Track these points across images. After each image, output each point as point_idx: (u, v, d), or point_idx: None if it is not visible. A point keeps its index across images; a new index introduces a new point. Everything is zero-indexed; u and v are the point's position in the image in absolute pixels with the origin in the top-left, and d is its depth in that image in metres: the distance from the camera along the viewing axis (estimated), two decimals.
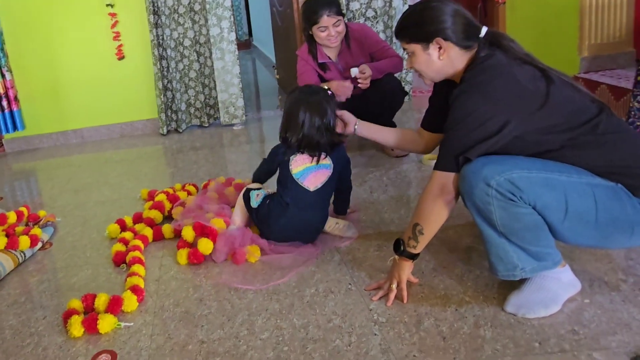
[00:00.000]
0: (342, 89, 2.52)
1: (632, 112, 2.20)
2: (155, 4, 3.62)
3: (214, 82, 3.78)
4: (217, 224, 1.97)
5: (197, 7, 3.70)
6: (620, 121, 1.42)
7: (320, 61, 2.70)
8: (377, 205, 2.17)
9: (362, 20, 3.73)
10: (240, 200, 2.00)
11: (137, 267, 1.83)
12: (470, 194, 1.35)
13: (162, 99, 3.68)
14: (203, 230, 1.94)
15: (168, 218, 2.26)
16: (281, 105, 4.33)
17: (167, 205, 2.30)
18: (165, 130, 3.73)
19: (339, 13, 2.57)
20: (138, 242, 2.01)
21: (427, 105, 1.84)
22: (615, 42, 3.10)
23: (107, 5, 3.68)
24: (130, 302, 1.64)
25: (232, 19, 3.71)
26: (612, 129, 1.37)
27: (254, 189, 1.97)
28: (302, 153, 1.85)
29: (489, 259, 1.43)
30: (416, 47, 1.47)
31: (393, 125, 2.84)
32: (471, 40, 1.44)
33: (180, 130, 3.79)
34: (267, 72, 6.20)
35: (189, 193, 2.47)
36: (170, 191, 2.46)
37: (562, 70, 1.44)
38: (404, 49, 1.52)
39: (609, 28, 3.09)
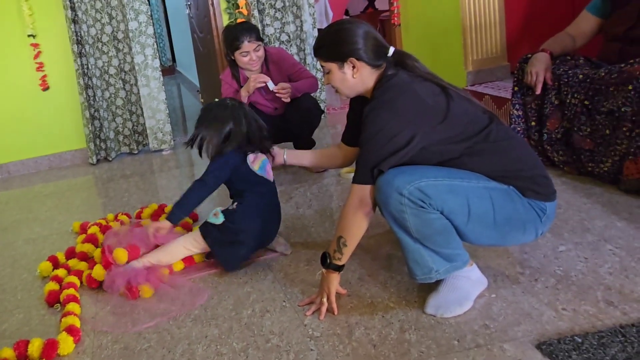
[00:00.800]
0: (258, 78, 2.51)
1: (513, 119, 2.30)
2: (79, 34, 3.37)
3: (141, 109, 3.57)
4: (118, 254, 1.78)
5: (120, 35, 3.48)
6: (507, 129, 1.46)
7: (242, 84, 2.61)
8: (303, 220, 2.11)
9: (277, 44, 3.66)
10: (191, 238, 1.82)
11: (72, 306, 1.65)
12: (386, 203, 1.34)
13: (90, 128, 3.43)
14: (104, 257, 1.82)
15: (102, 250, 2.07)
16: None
17: (100, 237, 2.12)
18: (94, 160, 3.47)
19: (259, 39, 2.52)
20: (73, 279, 1.82)
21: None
22: (493, 57, 3.24)
23: (29, 35, 3.37)
24: (66, 344, 1.47)
25: (156, 46, 3.52)
26: (502, 136, 1.40)
27: (210, 216, 1.79)
28: (253, 152, 1.80)
29: (407, 264, 1.41)
30: (332, 66, 1.45)
31: (313, 142, 2.81)
32: (381, 59, 1.44)
33: (110, 159, 3.54)
34: (191, 96, 5.97)
35: (122, 223, 2.28)
36: (103, 222, 2.27)
37: (453, 83, 1.47)
38: (322, 67, 1.50)
39: (487, 45, 3.22)
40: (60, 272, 1.89)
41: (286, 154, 1.87)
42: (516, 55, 2.66)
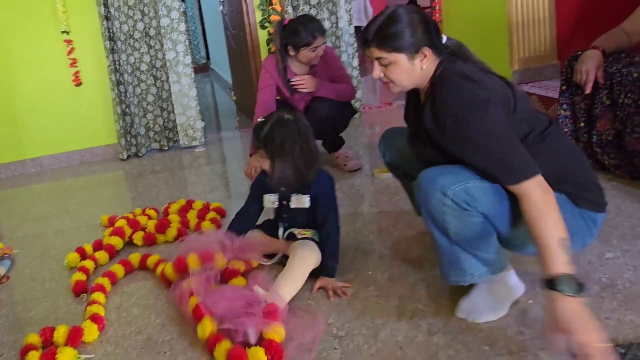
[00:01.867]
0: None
1: (560, 120, 2.25)
2: (111, 30, 3.51)
3: (172, 105, 3.68)
4: (191, 260, 1.65)
5: (152, 32, 3.61)
6: (563, 133, 1.43)
7: (288, 77, 2.62)
8: None
9: None
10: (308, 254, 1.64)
11: (97, 295, 1.73)
12: (427, 202, 1.32)
13: (121, 124, 3.56)
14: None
15: (129, 244, 2.16)
16: (239, 125, 4.26)
17: (128, 230, 2.21)
18: (125, 155, 3.61)
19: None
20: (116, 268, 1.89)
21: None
22: (542, 55, 3.18)
23: (63, 32, 3.54)
24: (90, 331, 1.55)
25: (187, 42, 3.63)
26: (558, 139, 1.38)
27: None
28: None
29: (440, 265, 1.41)
30: (399, 57, 1.35)
31: (341, 141, 2.79)
32: (441, 47, 1.39)
33: (140, 155, 3.67)
34: (224, 94, 6.11)
35: (149, 217, 2.37)
36: (131, 216, 2.36)
37: None
38: (378, 59, 1.39)
39: (535, 42, 3.17)
40: (88, 263, 1.98)
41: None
42: (566, 54, 2.60)
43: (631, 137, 1.97)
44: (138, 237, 2.17)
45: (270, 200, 1.77)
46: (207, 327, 1.42)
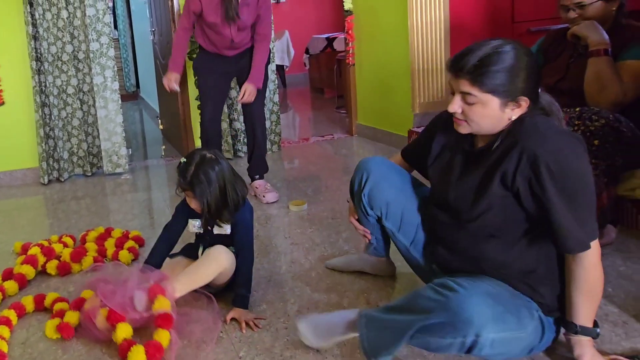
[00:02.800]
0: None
1: None
2: (38, 51, 3.25)
3: (97, 130, 3.45)
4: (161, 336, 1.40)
5: (81, 55, 3.37)
6: None
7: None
8: None
9: None
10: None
11: (1, 329, 1.53)
12: (443, 328, 1.08)
13: (44, 147, 3.27)
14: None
15: (42, 272, 1.95)
16: (165, 154, 4.05)
17: (41, 259, 2.00)
18: (46, 180, 3.30)
19: None
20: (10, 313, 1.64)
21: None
22: (439, 101, 3.34)
23: None
24: None
25: (116, 68, 3.42)
26: None
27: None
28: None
29: (369, 340, 1.21)
30: (492, 100, 1.11)
31: (266, 168, 2.74)
32: (537, 100, 1.17)
33: (62, 180, 3.38)
34: (152, 122, 5.84)
35: (66, 245, 2.17)
36: (46, 243, 2.14)
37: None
38: (464, 92, 1.13)
39: (433, 89, 3.33)
40: None
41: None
42: None
43: None
44: (52, 266, 1.97)
45: (195, 226, 1.69)
46: (120, 332, 1.38)
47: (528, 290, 1.21)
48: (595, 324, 1.20)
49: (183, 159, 1.61)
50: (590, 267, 1.14)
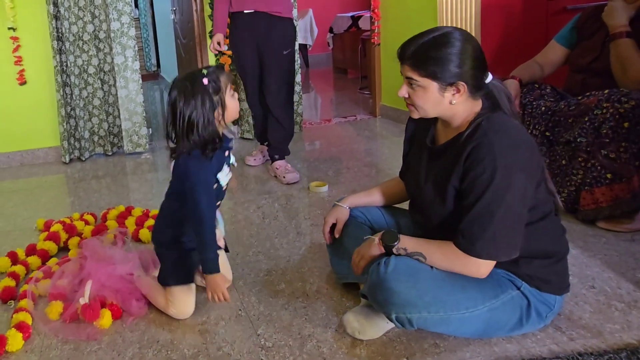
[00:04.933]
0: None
1: None
2: (60, 30, 3.31)
3: (118, 110, 3.51)
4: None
5: (102, 35, 3.43)
6: (558, 218, 1.34)
7: None
8: (268, 231, 2.10)
9: None
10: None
11: (24, 302, 1.60)
12: (375, 303, 1.29)
13: (65, 127, 3.36)
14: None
15: (64, 249, 2.02)
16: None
17: (63, 235, 2.07)
18: (67, 159, 3.40)
19: None
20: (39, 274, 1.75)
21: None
22: None
23: (9, 28, 3.30)
24: (14, 341, 1.43)
25: (137, 48, 3.47)
26: (552, 224, 1.31)
27: None
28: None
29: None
30: (430, 84, 1.19)
31: (287, 151, 2.79)
32: (482, 88, 1.23)
33: (83, 159, 3.47)
34: None
35: (87, 222, 2.24)
36: (68, 221, 2.22)
37: None
38: (408, 77, 1.22)
39: None
40: (18, 268, 1.84)
41: (350, 202, 1.57)
42: None
43: None
44: (73, 243, 2.04)
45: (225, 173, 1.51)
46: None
47: (511, 267, 1.27)
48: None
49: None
50: (456, 261, 1.21)
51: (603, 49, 2.00)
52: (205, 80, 1.36)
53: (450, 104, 1.22)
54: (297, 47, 3.60)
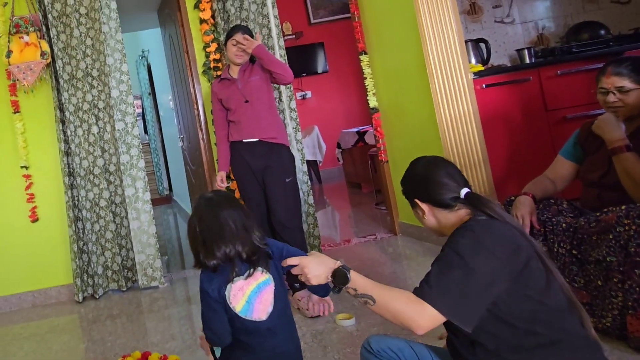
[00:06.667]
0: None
1: None
2: (71, 166, 3.50)
3: (131, 243, 3.57)
4: None
5: (112, 168, 3.60)
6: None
7: (222, 76, 2.95)
8: None
9: None
10: None
11: None
12: None
13: (78, 263, 3.39)
14: None
15: None
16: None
17: None
18: (81, 297, 3.39)
19: (250, 34, 2.89)
20: None
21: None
22: (481, 194, 3.34)
23: (22, 167, 3.49)
24: None
25: (147, 179, 3.60)
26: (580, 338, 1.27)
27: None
28: (235, 277, 1.44)
29: None
30: (424, 205, 1.43)
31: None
32: (452, 202, 1.38)
33: (97, 296, 3.46)
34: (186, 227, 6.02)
35: None
36: None
37: None
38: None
39: (475, 183, 3.33)
40: None
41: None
42: (504, 196, 2.74)
43: (572, 287, 1.95)
44: None
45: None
46: None
47: None
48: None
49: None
50: (406, 306, 1.24)
51: (611, 163, 2.00)
52: None
53: (424, 218, 1.46)
54: (304, 168, 3.72)
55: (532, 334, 1.24)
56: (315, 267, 1.34)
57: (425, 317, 1.22)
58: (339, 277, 1.30)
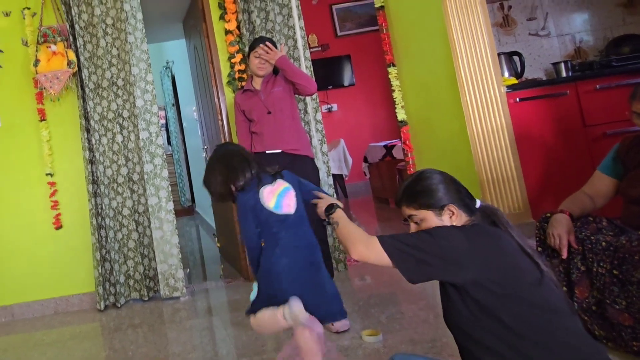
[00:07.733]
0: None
1: None
2: (95, 174, 3.58)
3: (153, 252, 3.61)
4: None
5: (135, 177, 3.66)
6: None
7: (245, 88, 3.05)
8: None
9: None
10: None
11: None
12: None
13: (100, 271, 3.45)
14: None
15: None
16: (224, 274, 4.13)
17: None
18: (102, 306, 3.44)
19: (274, 45, 2.99)
20: None
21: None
22: (517, 213, 3.28)
23: (47, 174, 3.58)
24: None
25: (170, 189, 3.64)
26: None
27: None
28: (263, 185, 1.94)
29: None
30: (427, 214, 1.46)
31: None
32: (474, 211, 1.48)
33: (119, 305, 3.51)
34: (209, 239, 6.07)
35: None
36: None
37: None
38: (409, 216, 1.51)
39: (508, 200, 3.29)
40: None
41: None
42: (539, 213, 2.68)
43: (613, 309, 1.91)
44: None
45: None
46: None
47: None
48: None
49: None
50: (359, 236, 1.44)
51: None
52: None
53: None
54: (330, 180, 3.73)
55: (545, 348, 1.29)
56: (323, 202, 1.82)
57: (369, 248, 1.38)
58: (329, 208, 1.74)
